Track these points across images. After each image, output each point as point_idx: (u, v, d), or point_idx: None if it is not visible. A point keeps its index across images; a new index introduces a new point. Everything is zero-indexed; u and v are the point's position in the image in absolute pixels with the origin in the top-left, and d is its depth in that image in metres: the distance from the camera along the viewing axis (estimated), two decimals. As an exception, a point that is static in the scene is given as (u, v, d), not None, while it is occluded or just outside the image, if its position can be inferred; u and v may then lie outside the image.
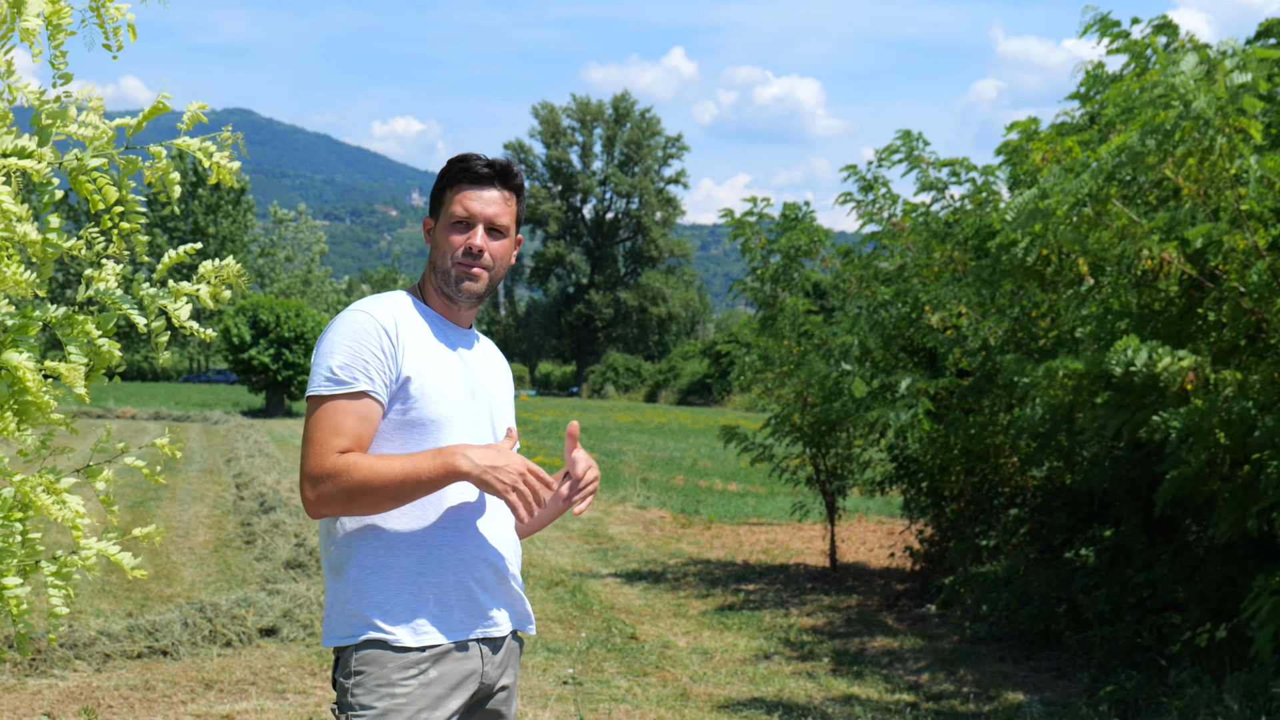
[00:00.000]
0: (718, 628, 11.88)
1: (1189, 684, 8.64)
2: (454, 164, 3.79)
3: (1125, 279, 9.07)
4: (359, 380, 3.52)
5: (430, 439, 3.60)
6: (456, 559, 3.62)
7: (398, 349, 3.59)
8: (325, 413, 3.52)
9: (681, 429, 41.57)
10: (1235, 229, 8.07)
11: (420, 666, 3.56)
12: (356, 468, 3.43)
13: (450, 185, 3.78)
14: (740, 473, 26.29)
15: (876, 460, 15.34)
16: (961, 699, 9.46)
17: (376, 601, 3.55)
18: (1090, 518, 12.00)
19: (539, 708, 8.76)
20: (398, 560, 3.57)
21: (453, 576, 3.62)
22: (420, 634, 3.56)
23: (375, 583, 3.56)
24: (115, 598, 11.77)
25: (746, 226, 15.30)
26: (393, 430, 3.59)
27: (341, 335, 3.58)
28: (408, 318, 3.67)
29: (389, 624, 3.54)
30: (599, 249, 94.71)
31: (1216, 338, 8.88)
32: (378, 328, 3.58)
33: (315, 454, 3.49)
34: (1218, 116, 7.76)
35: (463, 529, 3.64)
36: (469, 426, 3.69)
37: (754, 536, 18.15)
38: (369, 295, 3.79)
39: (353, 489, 3.44)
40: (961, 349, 12.67)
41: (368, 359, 3.54)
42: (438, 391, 3.63)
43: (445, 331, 3.76)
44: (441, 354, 3.69)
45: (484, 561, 3.67)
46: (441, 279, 3.76)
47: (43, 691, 8.77)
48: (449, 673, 3.60)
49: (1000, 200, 12.84)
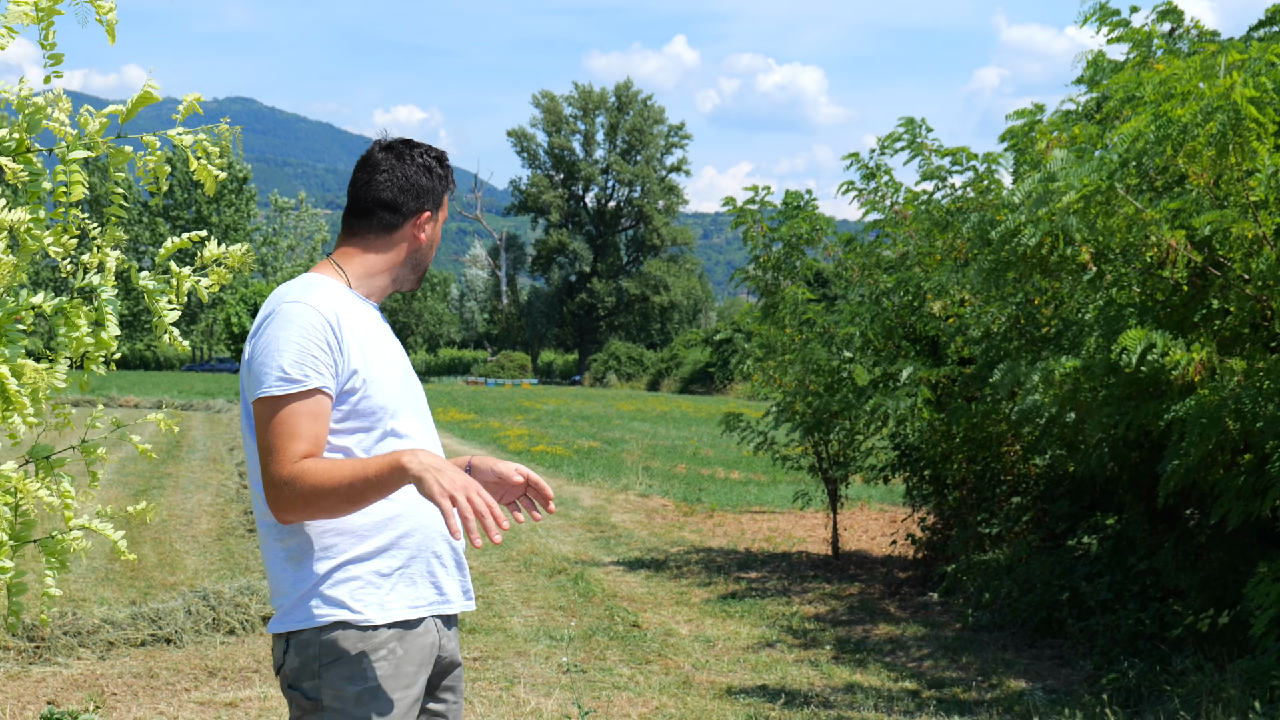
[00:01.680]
0: (720, 615, 11.89)
1: (1191, 671, 8.64)
2: (446, 167, 3.91)
3: (1129, 267, 9.06)
4: (310, 378, 3.51)
5: (380, 424, 3.64)
6: (418, 537, 3.67)
7: (342, 342, 3.59)
8: (281, 416, 3.50)
9: (684, 417, 41.59)
10: (1244, 217, 8.07)
11: (389, 646, 3.58)
12: (309, 473, 3.42)
13: (447, 190, 3.91)
14: (742, 461, 26.29)
15: (878, 448, 15.34)
16: (964, 686, 9.46)
17: (341, 583, 3.57)
18: (1093, 505, 12.00)
19: (542, 695, 8.77)
20: (360, 541, 3.59)
21: (414, 554, 3.67)
22: (387, 611, 3.59)
23: (339, 565, 3.57)
24: (119, 586, 11.78)
25: (748, 215, 15.29)
26: (343, 421, 3.61)
27: (288, 331, 3.55)
28: (344, 306, 3.67)
29: (356, 605, 3.56)
30: (601, 237, 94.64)
31: (1220, 325, 8.87)
32: (323, 321, 3.57)
33: (275, 461, 3.47)
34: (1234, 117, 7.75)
35: (422, 505, 3.67)
36: (410, 407, 3.76)
37: (756, 524, 18.16)
38: (297, 281, 3.74)
39: (308, 493, 3.42)
40: (964, 337, 12.66)
41: (316, 354, 3.53)
42: (382, 377, 3.66)
43: (370, 314, 3.78)
44: (377, 339, 3.72)
45: (442, 538, 3.73)
46: (416, 274, 3.89)
47: (47, 679, 8.78)
48: (414, 649, 3.64)
49: (1003, 189, 12.83)
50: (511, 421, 37.35)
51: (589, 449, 28.78)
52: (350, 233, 3.83)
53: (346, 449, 3.60)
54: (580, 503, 19.98)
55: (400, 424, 3.69)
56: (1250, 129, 7.80)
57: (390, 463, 3.40)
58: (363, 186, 3.81)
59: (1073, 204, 8.47)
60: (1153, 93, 8.39)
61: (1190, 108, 7.89)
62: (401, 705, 3.58)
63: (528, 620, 11.35)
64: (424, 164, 3.83)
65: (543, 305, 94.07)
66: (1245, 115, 7.72)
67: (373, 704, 3.53)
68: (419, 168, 3.82)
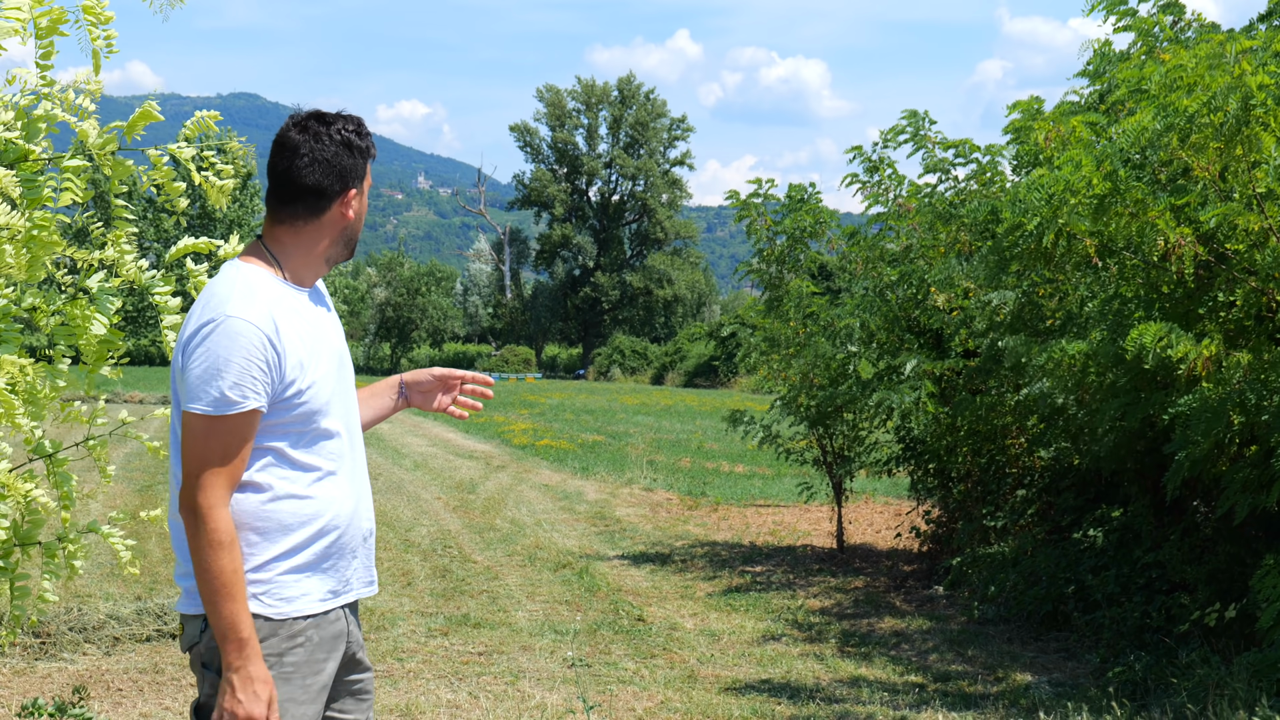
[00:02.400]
0: (725, 609, 11.88)
1: (1198, 664, 8.62)
2: (365, 137, 3.81)
3: (1135, 260, 9.04)
4: (249, 400, 3.54)
5: (313, 425, 3.68)
6: (335, 535, 3.73)
7: (281, 356, 3.60)
8: (212, 434, 3.53)
9: (688, 411, 41.56)
10: (1250, 210, 8.05)
11: (306, 634, 3.67)
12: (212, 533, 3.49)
13: (365, 158, 3.81)
14: (747, 454, 26.27)
15: (883, 442, 15.32)
16: (969, 680, 9.45)
17: (259, 580, 3.62)
18: (1098, 498, 11.98)
19: (546, 690, 8.77)
20: (277, 540, 3.64)
21: (330, 549, 3.73)
22: (301, 605, 3.66)
23: (258, 565, 3.62)
24: (124, 581, 11.78)
25: (752, 208, 15.28)
26: (278, 424, 3.64)
27: (226, 350, 3.54)
28: (280, 311, 3.65)
29: (272, 600, 3.63)
30: (605, 231, 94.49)
31: (1225, 318, 8.86)
32: (263, 339, 3.57)
33: (196, 487, 3.52)
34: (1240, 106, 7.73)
35: (341, 503, 3.74)
36: (340, 404, 3.79)
37: (761, 518, 18.15)
38: (235, 283, 3.67)
39: (197, 539, 3.51)
40: (968, 330, 12.64)
41: (256, 375, 3.55)
42: (318, 380, 3.69)
43: (305, 306, 3.76)
44: (312, 337, 3.72)
45: (357, 531, 3.80)
46: (348, 249, 3.84)
47: (52, 675, 8.79)
48: (326, 636, 3.72)
49: (1006, 181, 12.81)
50: (515, 416, 37.33)
51: (593, 443, 28.76)
52: (277, 219, 3.76)
53: (278, 450, 3.65)
54: (585, 497, 19.98)
55: (330, 422, 3.73)
56: (1258, 119, 7.78)
57: (234, 638, 3.48)
58: (283, 172, 3.72)
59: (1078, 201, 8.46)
60: (1158, 85, 8.37)
61: (1197, 98, 7.87)
62: (310, 690, 3.68)
63: (532, 615, 11.35)
64: (343, 140, 3.75)
65: (547, 299, 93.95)
66: (1256, 102, 7.70)
67: (284, 688, 3.62)
68: (339, 145, 3.74)
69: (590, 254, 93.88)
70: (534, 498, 19.67)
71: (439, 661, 9.61)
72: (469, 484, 21.14)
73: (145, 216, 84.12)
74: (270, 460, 3.63)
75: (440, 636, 10.42)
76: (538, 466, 24.19)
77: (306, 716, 3.67)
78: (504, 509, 18.16)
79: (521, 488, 20.78)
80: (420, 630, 10.58)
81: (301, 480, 3.67)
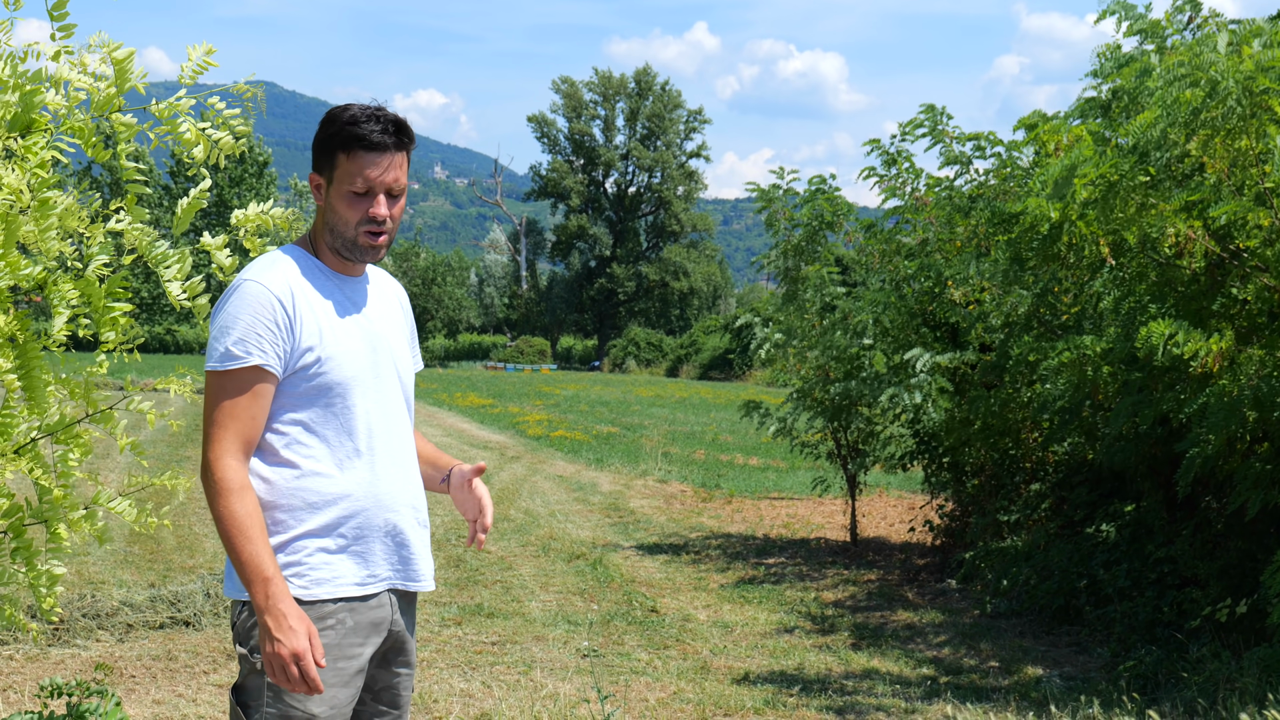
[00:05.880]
0: (738, 601, 11.90)
1: (1209, 659, 8.63)
2: (345, 126, 3.71)
3: (1147, 258, 9.04)
4: (253, 355, 3.59)
5: (338, 402, 3.70)
6: (367, 515, 3.74)
7: (294, 320, 3.64)
8: (222, 390, 3.60)
9: (702, 403, 41.56)
10: (1260, 206, 8.04)
11: (337, 617, 3.68)
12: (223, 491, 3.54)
13: (344, 149, 3.70)
14: (761, 447, 26.28)
15: (898, 436, 15.32)
16: (981, 673, 9.47)
17: (287, 559, 3.65)
18: (1111, 493, 11.98)
19: (559, 680, 8.79)
20: (306, 518, 3.67)
21: (363, 531, 3.73)
22: (330, 587, 3.68)
23: (285, 542, 3.65)
24: (138, 568, 11.83)
25: (773, 200, 15.27)
26: (301, 398, 3.67)
27: (235, 308, 3.62)
28: (302, 283, 3.70)
29: (300, 581, 3.65)
30: (621, 223, 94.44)
31: (1238, 313, 8.85)
32: (272, 300, 3.62)
33: (208, 444, 3.59)
34: (1244, 96, 7.71)
35: (372, 484, 3.75)
36: (372, 385, 3.77)
37: (775, 511, 18.16)
38: (264, 257, 3.79)
39: (212, 497, 3.57)
40: (984, 324, 12.64)
41: (261, 332, 3.59)
42: (340, 354, 3.70)
43: (340, 287, 3.79)
44: (340, 315, 3.74)
45: (380, 520, 3.78)
46: (343, 246, 3.77)
47: (65, 661, 8.83)
48: (363, 621, 3.73)
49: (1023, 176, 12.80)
50: (530, 407, 37.37)
51: (608, 434, 28.78)
52: None
53: (304, 424, 3.68)
54: (599, 488, 20.00)
55: (357, 403, 3.73)
56: (1262, 110, 7.77)
57: (259, 577, 3.50)
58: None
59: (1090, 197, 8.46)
60: (1162, 79, 8.36)
61: (1200, 90, 7.86)
62: (343, 674, 3.68)
63: (546, 605, 11.37)
64: (323, 126, 3.74)
65: (562, 291, 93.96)
66: (1257, 91, 7.68)
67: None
68: (322, 132, 3.74)
69: (606, 246, 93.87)
70: (548, 488, 19.70)
71: (452, 651, 9.63)
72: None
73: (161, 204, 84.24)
74: (295, 436, 3.67)
75: (454, 626, 10.45)
76: (552, 457, 24.21)
77: (339, 699, 3.68)
78: (518, 499, 18.19)
79: (536, 478, 20.81)
80: (434, 620, 10.61)
81: (327, 460, 3.69)
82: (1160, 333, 8.07)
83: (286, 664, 3.48)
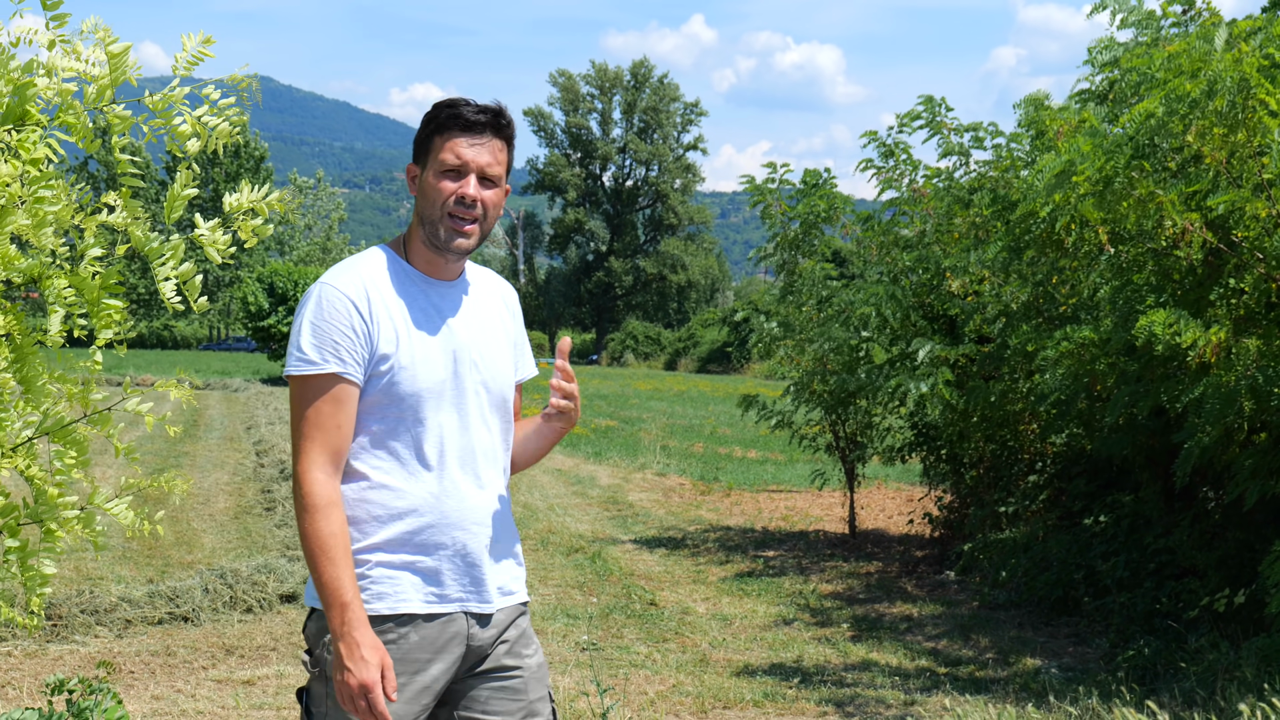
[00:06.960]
0: (737, 594, 11.90)
1: (1207, 650, 8.64)
2: (443, 109, 3.64)
3: (1145, 248, 9.04)
4: (329, 362, 3.50)
5: (410, 414, 3.59)
6: (434, 533, 3.62)
7: (370, 325, 3.54)
8: (302, 397, 3.53)
9: (701, 396, 41.58)
10: (1257, 196, 8.03)
11: (399, 631, 3.57)
12: (310, 508, 3.48)
13: (439, 131, 3.63)
14: (759, 440, 26.29)
15: (896, 428, 15.33)
16: (980, 665, 9.47)
17: (359, 572, 3.55)
18: (1109, 484, 11.98)
19: (559, 673, 8.79)
20: (370, 533, 3.58)
21: (429, 548, 3.62)
22: (390, 602, 3.57)
23: (359, 554, 3.56)
24: (136, 564, 11.83)
25: (767, 193, 15.26)
26: (374, 406, 3.58)
27: (314, 315, 3.53)
28: (381, 286, 3.60)
29: (365, 593, 3.53)
30: (618, 216, 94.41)
31: (1236, 304, 8.85)
32: (347, 305, 3.53)
33: (297, 457, 3.54)
34: (1241, 89, 7.71)
35: (441, 501, 3.63)
36: (450, 397, 3.64)
37: (773, 503, 18.17)
38: (346, 260, 3.70)
39: (299, 512, 3.50)
40: (982, 316, 12.64)
41: (337, 339, 3.51)
42: (416, 363, 3.58)
43: (426, 293, 3.67)
44: (421, 322, 3.63)
45: (447, 540, 3.65)
46: (430, 233, 3.64)
47: (64, 657, 8.83)
48: (429, 638, 3.61)
49: (1021, 167, 12.79)
50: (528, 400, 37.38)
51: (606, 428, 28.79)
52: None
53: (375, 435, 3.58)
54: (598, 481, 20.01)
55: (431, 415, 3.61)
56: (1260, 102, 7.76)
57: (336, 602, 3.44)
58: None
59: (1088, 188, 8.46)
60: (1162, 69, 8.36)
61: (1199, 83, 7.86)
62: (407, 691, 3.56)
63: (545, 599, 11.38)
64: (425, 116, 3.68)
65: (560, 284, 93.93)
66: (1254, 85, 7.68)
67: None
68: (422, 123, 3.69)
69: (604, 239, 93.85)
70: (547, 482, 19.71)
71: (451, 644, 9.62)
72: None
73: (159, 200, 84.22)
74: (366, 446, 3.58)
75: (452, 620, 10.43)
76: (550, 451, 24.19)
77: (399, 715, 3.55)
78: (517, 493, 18.19)
79: (534, 472, 20.82)
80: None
81: (397, 473, 3.59)
82: (1158, 322, 8.07)
83: (355, 695, 3.41)
